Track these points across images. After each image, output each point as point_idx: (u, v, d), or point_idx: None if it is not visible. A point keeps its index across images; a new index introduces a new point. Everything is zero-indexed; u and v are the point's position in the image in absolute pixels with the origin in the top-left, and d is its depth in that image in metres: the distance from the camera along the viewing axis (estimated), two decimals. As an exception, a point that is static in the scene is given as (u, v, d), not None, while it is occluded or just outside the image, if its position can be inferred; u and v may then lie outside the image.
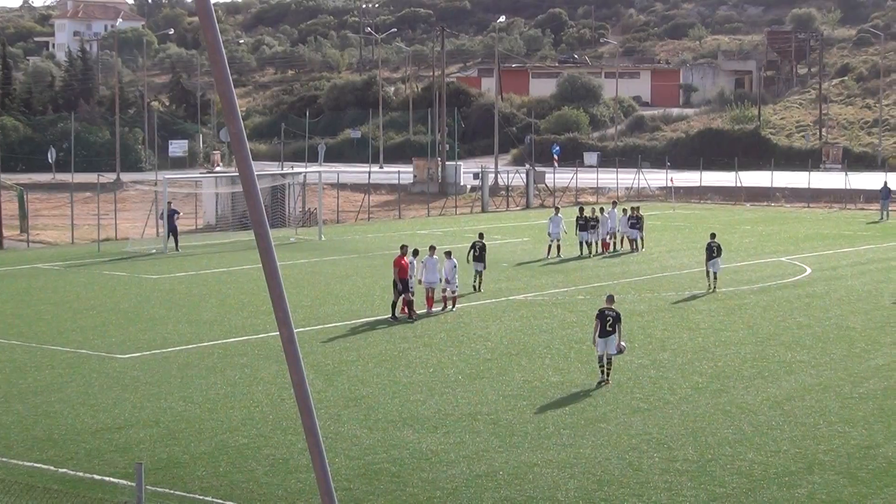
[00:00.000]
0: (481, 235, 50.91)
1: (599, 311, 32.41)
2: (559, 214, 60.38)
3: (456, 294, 44.02)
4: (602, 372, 31.79)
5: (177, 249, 62.86)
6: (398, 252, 42.96)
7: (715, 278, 48.73)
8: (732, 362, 34.80)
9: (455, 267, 43.72)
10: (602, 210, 62.12)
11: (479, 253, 48.91)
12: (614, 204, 65.36)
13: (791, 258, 59.51)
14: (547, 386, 31.76)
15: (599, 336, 31.85)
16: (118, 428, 27.50)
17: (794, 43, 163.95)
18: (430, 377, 32.81)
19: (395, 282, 41.91)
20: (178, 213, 66.28)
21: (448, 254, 44.19)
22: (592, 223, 60.23)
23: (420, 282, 42.98)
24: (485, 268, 48.99)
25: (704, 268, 49.57)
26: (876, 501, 22.84)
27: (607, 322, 31.89)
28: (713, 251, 48.78)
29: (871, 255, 61.73)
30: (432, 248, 44.29)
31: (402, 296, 41.67)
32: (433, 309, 43.19)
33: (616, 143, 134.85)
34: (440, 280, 43.28)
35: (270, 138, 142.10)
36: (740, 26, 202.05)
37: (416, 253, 43.63)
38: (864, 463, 25.06)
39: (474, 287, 48.34)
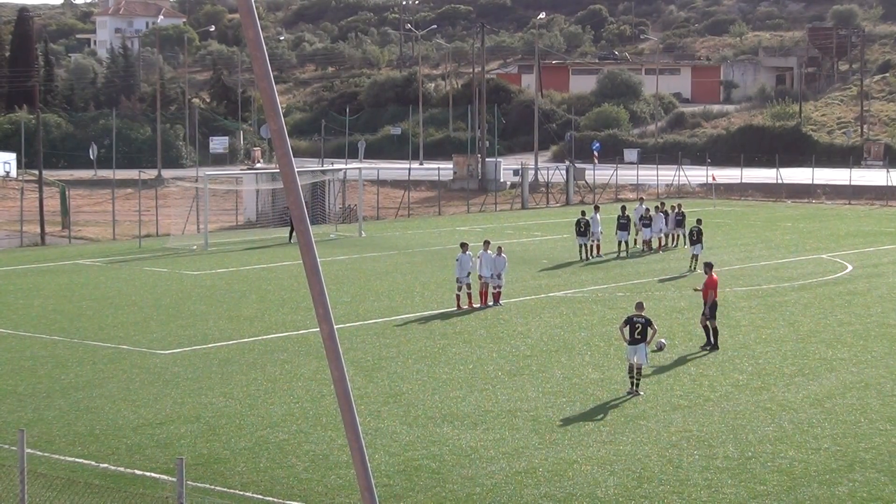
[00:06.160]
0: (584, 213, 57.80)
1: (628, 317, 31.36)
2: (598, 214, 60.04)
3: (501, 290, 44.17)
4: (632, 383, 30.63)
5: (289, 241, 64.15)
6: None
7: (696, 260, 53.21)
8: (773, 360, 34.66)
9: (506, 263, 44.06)
10: (656, 209, 61.66)
11: (583, 229, 56.53)
12: (641, 200, 65.16)
13: (832, 255, 59.19)
14: (587, 383, 31.71)
15: (629, 343, 30.82)
16: (159, 423, 27.63)
17: (835, 39, 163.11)
18: (470, 374, 32.81)
19: (706, 303, 36.48)
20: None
21: (500, 249, 44.28)
22: (645, 222, 60.06)
23: (480, 277, 43.36)
24: (588, 240, 56.99)
25: (690, 252, 54.68)
26: (918, 500, 22.73)
27: (636, 329, 30.72)
28: (694, 236, 54.06)
29: (913, 252, 61.36)
30: (486, 243, 44.48)
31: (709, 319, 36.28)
32: (488, 304, 43.54)
33: (656, 140, 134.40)
34: (492, 275, 43.44)
35: (311, 135, 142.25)
36: (781, 23, 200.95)
37: (464, 247, 43.80)
38: (906, 461, 24.93)
39: (581, 257, 56.86)
